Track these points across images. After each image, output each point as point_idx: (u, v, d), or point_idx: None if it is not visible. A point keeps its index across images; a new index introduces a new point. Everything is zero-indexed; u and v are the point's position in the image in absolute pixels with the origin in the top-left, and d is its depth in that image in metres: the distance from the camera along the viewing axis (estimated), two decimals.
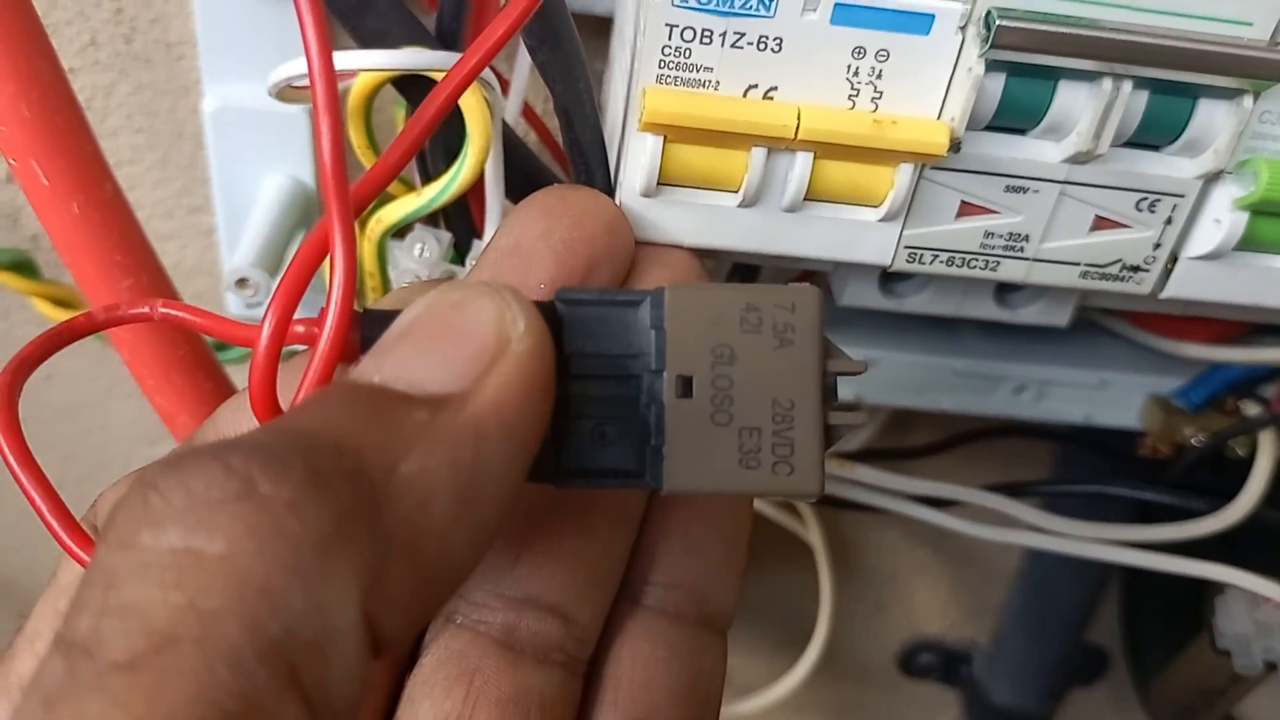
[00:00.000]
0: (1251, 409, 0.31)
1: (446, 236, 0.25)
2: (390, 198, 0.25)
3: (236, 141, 0.29)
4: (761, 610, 0.48)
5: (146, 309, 0.16)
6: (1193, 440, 0.31)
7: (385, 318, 0.14)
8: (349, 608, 0.11)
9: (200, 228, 0.33)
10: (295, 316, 0.15)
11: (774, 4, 0.18)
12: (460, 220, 0.25)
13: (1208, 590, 0.42)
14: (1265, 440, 0.29)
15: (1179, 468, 0.31)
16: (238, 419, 0.16)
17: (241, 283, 0.27)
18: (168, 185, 0.32)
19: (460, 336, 0.13)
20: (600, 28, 0.26)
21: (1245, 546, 0.30)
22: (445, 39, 0.22)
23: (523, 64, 0.27)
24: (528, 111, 0.29)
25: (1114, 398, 0.31)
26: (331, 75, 0.14)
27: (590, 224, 0.17)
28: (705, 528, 0.18)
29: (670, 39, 0.18)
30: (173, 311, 0.16)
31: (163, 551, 0.10)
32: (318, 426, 0.12)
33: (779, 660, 0.45)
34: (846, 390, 0.32)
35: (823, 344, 0.14)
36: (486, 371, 0.13)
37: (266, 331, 0.15)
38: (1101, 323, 0.31)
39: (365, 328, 0.15)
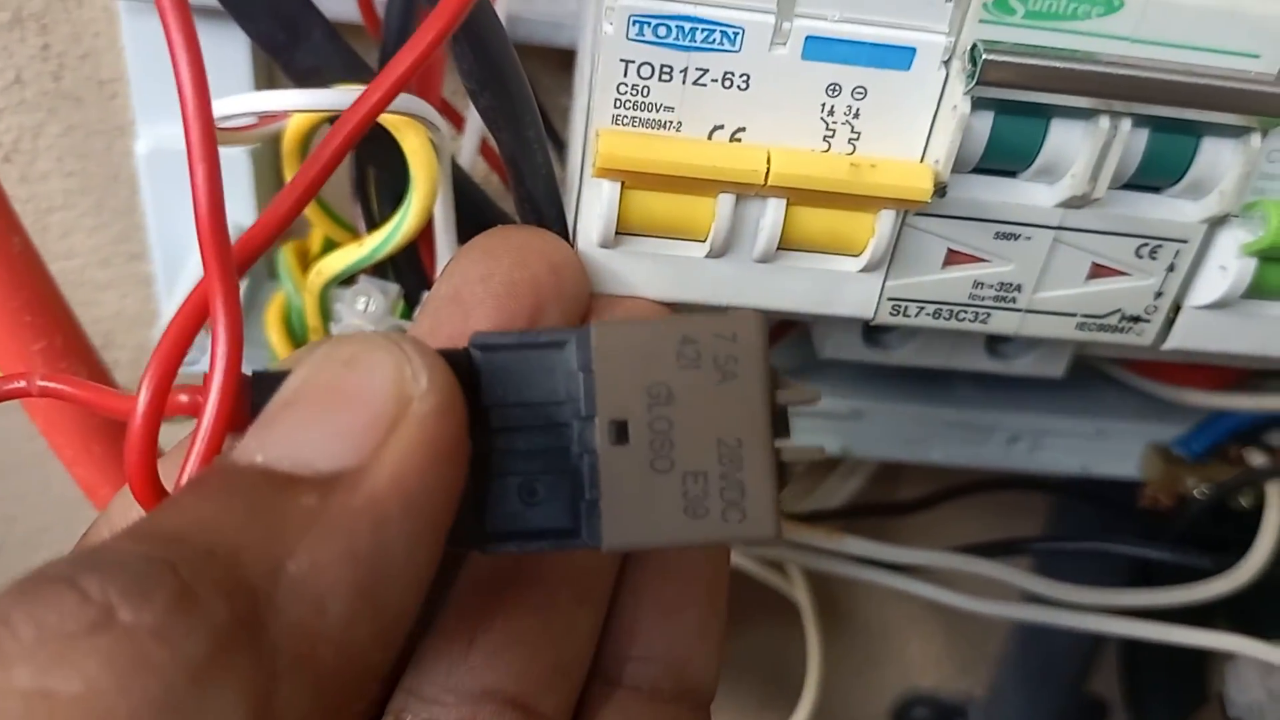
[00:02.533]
0: (1256, 458, 0.29)
1: (394, 288, 0.23)
2: (333, 247, 0.24)
3: (172, 185, 0.27)
4: (746, 668, 0.46)
5: (23, 383, 0.14)
6: (1195, 492, 0.29)
7: (277, 380, 0.13)
8: None
9: (140, 276, 0.31)
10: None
11: (739, 37, 0.16)
12: (410, 270, 0.23)
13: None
14: (1274, 493, 0.27)
15: (1181, 521, 0.29)
16: (129, 508, 0.14)
17: None
18: (104, 231, 0.30)
19: (353, 400, 0.11)
20: (564, 61, 0.24)
21: (1255, 604, 0.28)
22: None
23: None
24: (486, 150, 0.27)
25: (1112, 447, 0.29)
26: (206, 115, 0.13)
27: (535, 263, 0.15)
28: (678, 592, 0.16)
29: (626, 76, 0.16)
30: (51, 384, 0.14)
31: (11, 694, 0.09)
32: (190, 526, 0.10)
33: (765, 719, 0.43)
34: (830, 439, 0.30)
35: (769, 374, 0.13)
36: (384, 440, 0.11)
37: (142, 403, 0.13)
38: (1099, 369, 0.30)
39: (256, 393, 0.13)
